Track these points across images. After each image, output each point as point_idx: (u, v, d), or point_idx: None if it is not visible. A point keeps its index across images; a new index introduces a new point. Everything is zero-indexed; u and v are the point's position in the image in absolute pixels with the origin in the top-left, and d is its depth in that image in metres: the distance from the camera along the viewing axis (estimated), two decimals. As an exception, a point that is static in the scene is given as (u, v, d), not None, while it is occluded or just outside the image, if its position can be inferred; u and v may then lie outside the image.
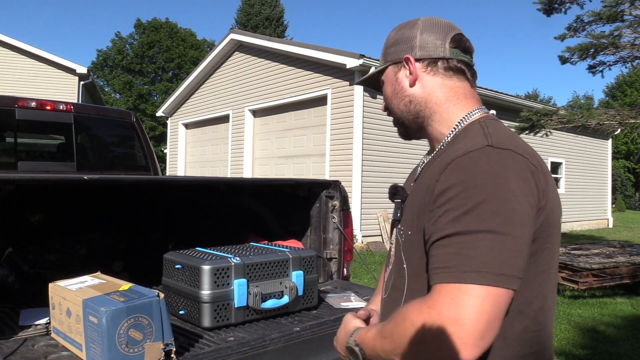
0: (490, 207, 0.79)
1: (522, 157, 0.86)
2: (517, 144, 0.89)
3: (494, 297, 0.76)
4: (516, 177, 0.82)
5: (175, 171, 15.31)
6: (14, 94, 7.81)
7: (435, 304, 0.78)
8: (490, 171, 0.82)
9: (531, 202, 0.83)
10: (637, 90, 35.97)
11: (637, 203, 32.09)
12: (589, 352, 4.00)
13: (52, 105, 3.74)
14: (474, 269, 0.77)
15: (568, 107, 9.20)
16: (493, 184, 0.81)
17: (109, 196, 2.85)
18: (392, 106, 1.09)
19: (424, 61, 1.02)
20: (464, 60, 1.03)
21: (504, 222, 0.79)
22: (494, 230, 0.78)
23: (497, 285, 0.77)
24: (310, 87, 10.68)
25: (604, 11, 7.66)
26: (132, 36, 36.73)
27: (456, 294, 0.76)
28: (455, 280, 0.77)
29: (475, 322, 0.75)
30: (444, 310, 0.76)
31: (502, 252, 0.78)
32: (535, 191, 0.84)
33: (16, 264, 2.42)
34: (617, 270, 6.12)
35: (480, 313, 0.75)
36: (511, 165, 0.83)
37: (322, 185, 2.57)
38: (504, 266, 0.77)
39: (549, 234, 0.88)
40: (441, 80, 1.02)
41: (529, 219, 0.82)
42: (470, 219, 0.79)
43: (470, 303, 0.75)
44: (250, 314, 1.94)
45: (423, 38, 1.02)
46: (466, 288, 0.76)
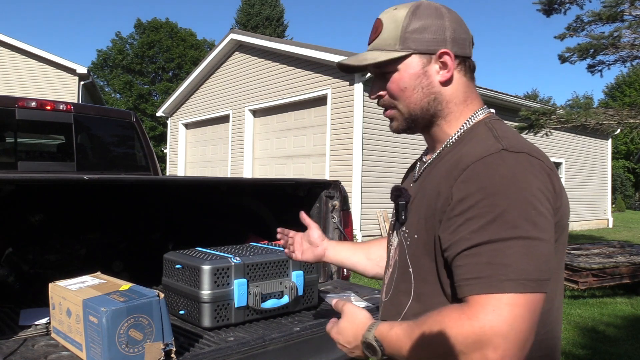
0: (517, 212, 0.78)
1: (538, 159, 0.85)
2: (530, 146, 0.88)
3: (533, 303, 0.76)
4: (536, 179, 0.82)
5: (175, 171, 15.31)
6: (14, 94, 7.81)
7: (476, 315, 0.75)
8: (510, 176, 0.81)
9: (551, 204, 0.83)
10: (636, 91, 35.98)
11: (637, 203, 32.10)
12: (589, 352, 4.00)
13: (52, 105, 3.74)
14: (511, 277, 0.75)
15: (567, 106, 9.19)
16: (515, 189, 0.79)
17: (109, 196, 2.85)
18: (406, 99, 0.99)
19: (457, 58, 0.97)
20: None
21: (533, 227, 0.78)
22: (525, 236, 0.77)
23: (535, 291, 0.76)
24: (310, 87, 10.68)
25: (604, 11, 7.66)
26: (132, 36, 36.75)
27: (497, 305, 0.75)
28: (495, 291, 0.76)
29: (519, 332, 0.74)
30: (487, 323, 0.74)
31: (535, 257, 0.77)
32: (553, 194, 0.84)
33: (16, 264, 2.42)
34: (617, 270, 6.12)
35: (523, 322, 0.75)
36: (530, 169, 0.83)
37: (322, 185, 2.57)
38: (539, 271, 0.77)
39: (560, 235, 0.88)
40: (466, 81, 0.99)
41: (552, 220, 0.82)
42: (499, 226, 0.78)
43: (514, 313, 0.74)
44: (250, 314, 1.94)
45: (455, 32, 0.96)
46: (507, 298, 0.75)
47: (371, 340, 0.90)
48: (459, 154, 0.91)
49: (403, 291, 0.99)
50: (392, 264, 1.06)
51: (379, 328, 0.90)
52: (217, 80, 13.77)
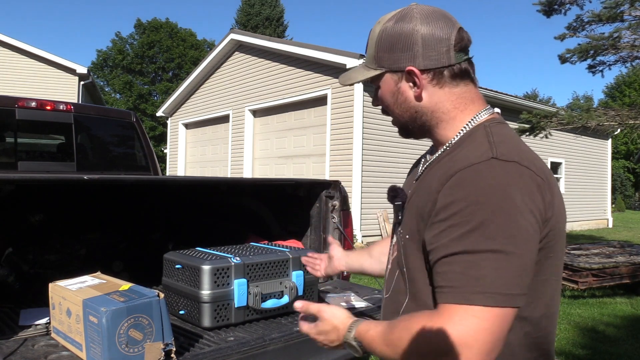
0: (496, 225, 0.78)
1: (528, 169, 0.84)
2: (523, 154, 0.87)
3: (501, 317, 0.77)
4: (521, 192, 0.81)
5: (175, 171, 15.31)
6: (14, 94, 7.81)
7: (443, 323, 0.78)
8: (495, 186, 0.80)
9: (537, 216, 0.82)
10: (636, 91, 35.99)
11: (637, 203, 32.10)
12: (589, 352, 4.00)
13: (52, 105, 3.74)
14: (480, 290, 0.77)
15: (568, 108, 9.19)
16: (498, 200, 0.79)
17: (109, 196, 2.85)
18: (394, 114, 1.03)
19: (429, 72, 0.94)
20: (468, 59, 0.97)
21: (509, 241, 0.78)
22: (500, 250, 0.77)
23: (504, 305, 0.77)
24: (310, 87, 10.68)
25: (604, 12, 7.66)
26: (132, 36, 36.75)
27: (464, 316, 0.77)
28: (463, 302, 0.77)
29: (482, 344, 0.76)
30: (452, 332, 0.76)
31: (508, 272, 0.78)
32: (542, 205, 0.83)
33: (16, 264, 2.42)
34: (617, 270, 6.12)
35: (488, 335, 0.76)
36: (516, 179, 0.82)
37: (322, 185, 2.57)
38: (510, 285, 0.77)
39: (554, 244, 0.88)
40: (448, 90, 0.96)
41: (535, 233, 0.82)
42: (476, 238, 0.78)
43: (479, 326, 0.76)
44: (250, 314, 1.94)
45: (426, 44, 0.93)
46: (473, 310, 0.77)
47: (351, 340, 0.94)
48: (453, 159, 0.91)
49: (400, 290, 1.01)
50: (392, 262, 1.08)
51: (358, 329, 0.93)
52: (217, 80, 13.77)
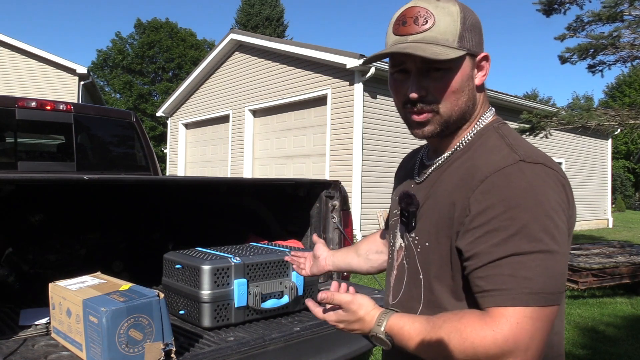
0: (538, 225, 0.79)
1: (553, 170, 0.85)
2: (544, 157, 0.88)
3: (550, 315, 0.78)
4: (553, 191, 0.82)
5: (175, 171, 15.31)
6: (14, 94, 7.81)
7: (499, 326, 0.76)
8: (529, 188, 0.81)
9: (567, 215, 0.84)
10: (636, 91, 35.98)
11: (637, 203, 32.09)
12: (589, 352, 4.00)
13: (52, 105, 3.74)
14: (534, 290, 0.77)
15: (568, 108, 9.18)
16: (535, 202, 0.80)
17: (109, 196, 2.85)
18: (453, 101, 0.92)
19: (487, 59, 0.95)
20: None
21: (553, 240, 0.79)
22: (545, 250, 0.78)
23: (554, 304, 0.78)
24: (310, 87, 10.68)
25: (604, 12, 7.66)
26: (132, 36, 36.76)
27: (520, 317, 0.76)
28: (518, 303, 0.77)
29: (538, 345, 0.76)
30: (510, 335, 0.76)
31: (555, 271, 0.79)
32: (566, 204, 0.85)
33: (16, 264, 2.42)
34: (617, 270, 6.12)
35: (542, 335, 0.77)
36: (547, 180, 0.83)
37: (322, 185, 2.57)
38: (557, 284, 0.79)
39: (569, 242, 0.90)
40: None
41: (567, 231, 0.83)
42: (520, 240, 0.78)
43: (535, 326, 0.76)
44: (250, 314, 1.94)
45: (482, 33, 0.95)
46: (529, 311, 0.76)
47: (381, 335, 0.89)
48: (472, 161, 0.90)
49: (414, 297, 0.98)
50: (398, 267, 1.05)
51: (389, 323, 0.89)
52: (217, 80, 13.78)
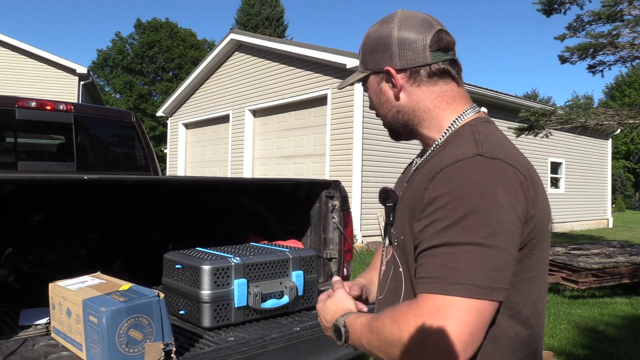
0: (477, 219, 0.80)
1: (512, 167, 0.85)
2: (508, 152, 0.89)
3: (478, 309, 0.78)
4: (504, 188, 0.82)
5: (175, 171, 15.32)
6: (14, 94, 7.81)
7: (421, 313, 0.80)
8: (478, 182, 0.82)
9: (519, 213, 0.83)
10: (636, 91, 35.98)
11: (637, 203, 32.09)
12: (589, 352, 4.00)
13: (52, 105, 3.74)
14: (459, 281, 0.78)
15: (567, 106, 9.18)
16: (480, 196, 0.81)
17: (109, 196, 2.85)
18: (380, 114, 1.07)
19: (405, 72, 0.98)
20: (448, 60, 0.98)
21: (490, 235, 0.79)
22: (480, 243, 0.79)
23: (482, 298, 0.78)
24: (310, 87, 10.68)
25: (603, 11, 7.66)
26: (132, 36, 36.76)
27: (441, 306, 0.78)
28: (441, 292, 0.79)
29: (459, 335, 0.77)
30: (429, 321, 0.78)
31: (487, 265, 0.79)
32: (524, 202, 0.84)
33: (16, 264, 2.42)
34: (617, 270, 6.12)
35: (464, 325, 0.77)
36: (500, 176, 0.83)
37: (322, 185, 2.57)
38: (488, 279, 0.78)
39: (537, 242, 0.89)
40: (426, 89, 0.99)
41: (516, 230, 0.83)
42: (457, 231, 0.80)
43: (455, 315, 0.77)
44: (250, 314, 1.94)
45: (402, 44, 0.97)
46: (451, 300, 0.78)
47: (340, 325, 0.96)
48: (440, 157, 0.92)
49: (395, 291, 1.00)
50: (386, 263, 1.08)
51: (350, 317, 0.96)
52: (217, 80, 13.78)
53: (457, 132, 0.96)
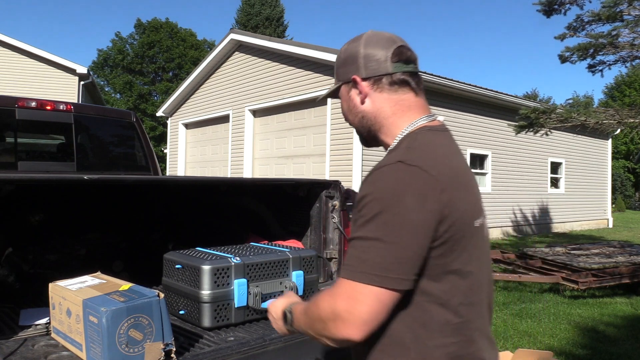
0: (385, 218, 0.93)
1: (427, 173, 0.96)
2: (430, 160, 0.99)
3: (378, 295, 0.93)
4: (413, 193, 0.94)
5: (175, 171, 15.32)
6: (14, 94, 7.81)
7: (336, 295, 0.97)
8: (392, 186, 0.95)
9: (427, 215, 0.94)
10: (636, 91, 35.97)
11: (637, 203, 32.08)
12: (589, 352, 4.00)
13: (52, 105, 3.74)
14: (364, 270, 0.94)
15: (567, 105, 9.18)
16: (391, 198, 0.94)
17: (109, 196, 2.85)
18: (349, 120, 1.20)
19: (370, 79, 1.11)
20: (408, 71, 1.11)
21: (393, 232, 0.93)
22: (383, 239, 0.93)
23: (380, 285, 0.93)
24: (310, 87, 10.68)
25: (603, 11, 7.67)
26: (132, 36, 36.76)
27: (349, 289, 0.95)
28: (350, 278, 0.95)
29: (360, 313, 0.93)
30: (340, 302, 0.96)
31: (387, 258, 0.93)
32: (436, 205, 0.95)
33: (16, 264, 2.42)
34: (617, 270, 6.12)
35: (365, 306, 0.93)
36: (412, 182, 0.95)
37: (322, 185, 2.57)
38: (388, 270, 0.93)
39: (459, 238, 0.99)
40: (387, 95, 1.11)
41: (423, 229, 0.94)
42: (370, 227, 0.95)
43: (359, 298, 0.94)
44: (250, 314, 1.94)
45: (367, 57, 1.11)
46: (357, 285, 0.94)
47: (287, 310, 1.17)
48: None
49: None
50: None
51: (295, 305, 1.17)
52: (217, 80, 13.78)
53: (402, 139, 1.08)
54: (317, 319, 1.02)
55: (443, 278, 0.98)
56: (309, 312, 1.06)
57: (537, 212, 14.10)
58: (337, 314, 0.96)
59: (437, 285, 0.98)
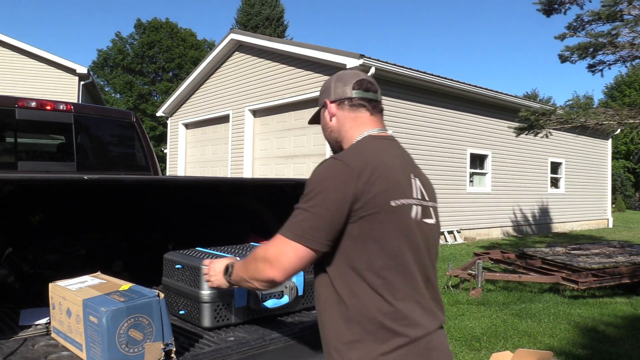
0: (312, 195, 1.26)
1: (348, 166, 1.26)
2: (353, 157, 1.29)
3: (297, 250, 1.24)
4: (335, 179, 1.25)
5: (175, 171, 15.31)
6: (14, 94, 7.81)
7: (269, 244, 1.29)
8: (323, 174, 1.28)
9: (343, 196, 1.23)
10: (636, 91, 35.95)
11: (637, 203, 32.08)
12: (589, 352, 4.00)
13: (52, 105, 3.74)
14: (291, 230, 1.26)
15: (567, 106, 9.18)
16: (320, 182, 1.27)
17: (109, 196, 2.85)
18: (325, 135, 1.55)
19: (336, 102, 1.46)
20: (365, 97, 1.45)
21: (315, 206, 1.24)
22: (308, 210, 1.25)
23: (297, 242, 1.24)
24: (310, 87, 10.68)
25: (603, 10, 7.67)
26: (132, 36, 36.75)
27: (279, 242, 1.27)
28: (282, 234, 1.27)
29: (282, 262, 1.25)
30: (271, 249, 1.28)
31: (308, 224, 1.24)
32: (350, 189, 1.23)
33: (16, 264, 2.42)
34: (617, 270, 6.12)
35: (286, 256, 1.25)
36: (336, 171, 1.26)
37: (322, 185, 2.56)
38: (306, 232, 1.24)
39: (377, 212, 1.24)
40: (348, 114, 1.45)
41: (337, 206, 1.23)
42: (303, 201, 1.28)
43: (284, 250, 1.26)
44: (250, 314, 1.94)
45: (336, 86, 1.48)
46: (284, 240, 1.26)
47: (229, 265, 1.50)
48: None
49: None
50: None
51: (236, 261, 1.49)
52: (217, 80, 13.77)
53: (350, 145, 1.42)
54: (252, 261, 1.33)
55: (365, 245, 1.24)
56: (246, 261, 1.39)
57: (537, 212, 14.09)
58: (267, 257, 1.28)
59: (361, 251, 1.24)
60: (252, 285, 1.35)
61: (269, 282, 1.28)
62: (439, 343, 1.29)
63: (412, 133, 10.46)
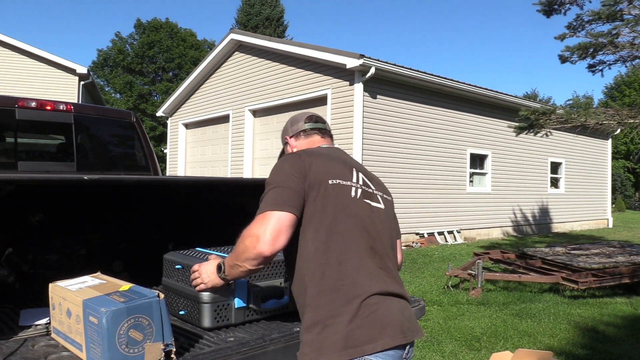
0: (274, 176, 1.56)
1: (298, 154, 1.62)
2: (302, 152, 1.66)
3: (278, 217, 1.45)
4: (289, 164, 1.58)
5: (175, 171, 15.31)
6: (14, 94, 7.81)
7: (252, 223, 1.48)
8: (280, 163, 1.60)
9: (296, 174, 1.54)
10: (636, 91, 35.95)
11: (637, 203, 32.07)
12: (589, 352, 4.00)
13: (52, 105, 3.74)
14: (268, 203, 1.49)
15: (567, 106, 9.18)
16: (277, 167, 1.59)
17: (109, 196, 2.85)
18: None
19: (294, 136, 1.87)
20: (315, 127, 1.85)
21: (276, 183, 1.53)
22: (274, 186, 1.52)
23: (274, 210, 1.46)
24: (310, 87, 10.68)
25: (603, 10, 7.67)
26: (132, 36, 36.75)
27: (260, 217, 1.47)
28: (260, 211, 1.49)
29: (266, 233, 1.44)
30: (254, 226, 1.47)
31: (276, 195, 1.50)
32: (300, 169, 1.55)
33: (16, 264, 2.42)
34: (617, 270, 6.12)
35: (268, 227, 1.44)
36: (289, 160, 1.59)
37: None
38: (276, 201, 1.48)
39: (319, 187, 1.53)
40: (304, 141, 1.85)
41: (295, 178, 1.53)
42: (268, 182, 1.56)
43: (263, 222, 1.45)
44: (250, 314, 1.94)
45: (292, 125, 1.89)
46: (265, 213, 1.46)
47: (221, 262, 1.66)
48: None
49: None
50: None
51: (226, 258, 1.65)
52: (217, 80, 13.78)
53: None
54: (239, 244, 1.49)
55: (312, 218, 1.50)
56: (234, 248, 1.53)
57: (537, 212, 14.10)
58: (251, 233, 1.45)
59: (310, 223, 1.50)
60: (244, 269, 1.50)
61: (259, 258, 1.44)
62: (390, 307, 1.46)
63: (412, 133, 10.46)
